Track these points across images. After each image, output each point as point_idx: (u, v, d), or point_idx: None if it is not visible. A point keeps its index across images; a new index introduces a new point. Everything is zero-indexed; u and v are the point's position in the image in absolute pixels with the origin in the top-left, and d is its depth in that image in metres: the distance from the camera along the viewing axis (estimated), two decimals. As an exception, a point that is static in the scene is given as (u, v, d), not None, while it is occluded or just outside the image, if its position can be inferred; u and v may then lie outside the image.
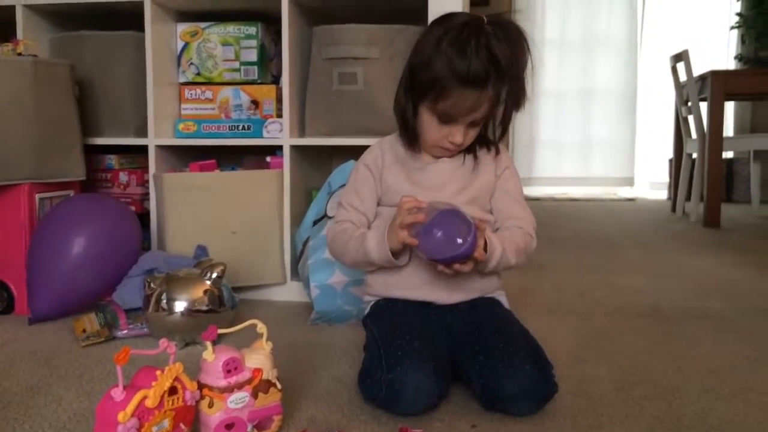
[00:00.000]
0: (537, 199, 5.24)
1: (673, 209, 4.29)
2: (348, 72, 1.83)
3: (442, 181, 1.28)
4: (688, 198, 4.06)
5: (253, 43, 1.97)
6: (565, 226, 3.70)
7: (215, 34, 1.98)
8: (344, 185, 1.73)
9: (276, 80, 2.03)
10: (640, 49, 5.51)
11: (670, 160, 4.60)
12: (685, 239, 3.21)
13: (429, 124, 1.22)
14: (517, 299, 1.89)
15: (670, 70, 4.16)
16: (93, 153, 2.02)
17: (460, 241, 1.09)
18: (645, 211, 4.52)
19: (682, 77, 3.96)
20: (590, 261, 2.59)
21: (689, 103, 3.85)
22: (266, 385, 1.01)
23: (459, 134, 1.21)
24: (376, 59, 1.82)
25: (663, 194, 5.26)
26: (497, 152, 1.31)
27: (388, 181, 1.30)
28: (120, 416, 0.85)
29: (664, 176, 5.23)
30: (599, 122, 5.57)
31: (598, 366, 1.35)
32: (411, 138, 1.28)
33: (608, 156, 5.59)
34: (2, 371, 1.32)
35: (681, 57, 3.86)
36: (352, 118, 1.84)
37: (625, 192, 5.58)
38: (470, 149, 1.30)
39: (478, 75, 1.13)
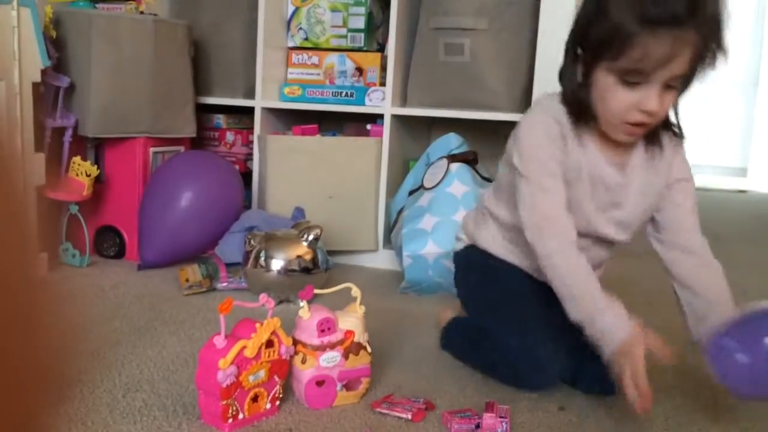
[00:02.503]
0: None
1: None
2: (455, 43, 1.81)
3: (624, 181, 1.09)
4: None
5: (362, 10, 1.97)
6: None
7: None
8: (443, 157, 1.73)
9: (381, 48, 2.03)
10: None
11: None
12: (800, 238, 2.99)
13: (610, 91, 0.98)
14: (615, 288, 1.83)
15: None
16: (203, 112, 2.11)
17: None
18: (757, 205, 4.24)
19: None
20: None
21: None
22: (357, 348, 1.03)
23: (653, 98, 0.95)
24: (484, 31, 1.78)
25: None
26: (678, 146, 1.11)
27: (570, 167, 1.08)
28: (221, 362, 0.90)
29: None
30: (712, 106, 5.24)
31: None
32: (579, 113, 1.05)
33: (718, 143, 5.27)
34: (113, 311, 1.42)
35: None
36: (455, 90, 1.82)
37: (735, 183, 5.25)
38: (653, 136, 1.08)
39: (675, 8, 0.90)
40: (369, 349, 1.05)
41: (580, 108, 1.04)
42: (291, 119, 2.09)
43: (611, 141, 1.06)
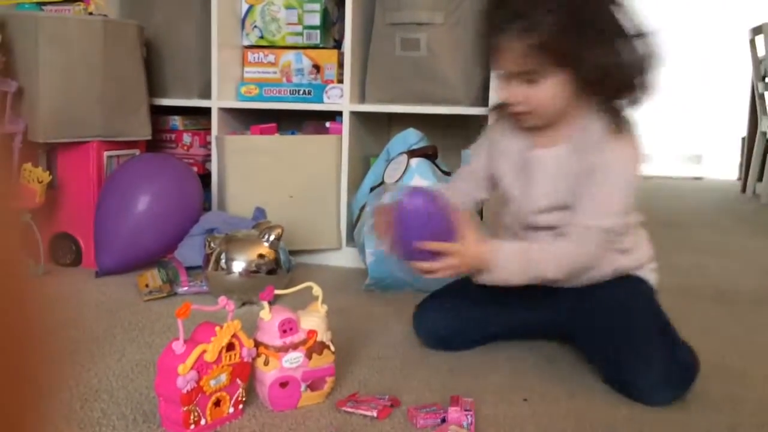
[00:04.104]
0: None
1: (743, 190, 4.11)
2: (411, 38, 1.81)
3: (540, 174, 1.16)
4: (759, 179, 3.88)
5: (317, 6, 1.96)
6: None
7: (279, -3, 1.98)
8: (403, 153, 1.72)
9: (338, 45, 2.02)
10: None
11: (743, 139, 4.40)
12: (755, 221, 3.08)
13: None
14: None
15: (748, 43, 3.95)
16: (158, 113, 2.07)
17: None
18: (712, 191, 4.35)
19: (761, 52, 3.75)
20: (652, 239, 2.51)
21: (767, 79, 3.65)
22: (320, 347, 1.02)
23: (502, 88, 1.12)
24: (440, 25, 1.78)
25: (733, 174, 5.04)
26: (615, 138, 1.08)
27: (497, 168, 1.23)
28: (180, 368, 0.88)
29: (735, 155, 5.00)
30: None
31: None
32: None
33: (675, 132, 5.38)
34: (70, 320, 1.38)
35: (761, 30, 3.66)
36: (413, 85, 1.82)
37: (691, 170, 5.37)
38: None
39: (491, 19, 1.10)
40: (332, 348, 1.04)
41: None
42: (249, 119, 2.06)
43: None
